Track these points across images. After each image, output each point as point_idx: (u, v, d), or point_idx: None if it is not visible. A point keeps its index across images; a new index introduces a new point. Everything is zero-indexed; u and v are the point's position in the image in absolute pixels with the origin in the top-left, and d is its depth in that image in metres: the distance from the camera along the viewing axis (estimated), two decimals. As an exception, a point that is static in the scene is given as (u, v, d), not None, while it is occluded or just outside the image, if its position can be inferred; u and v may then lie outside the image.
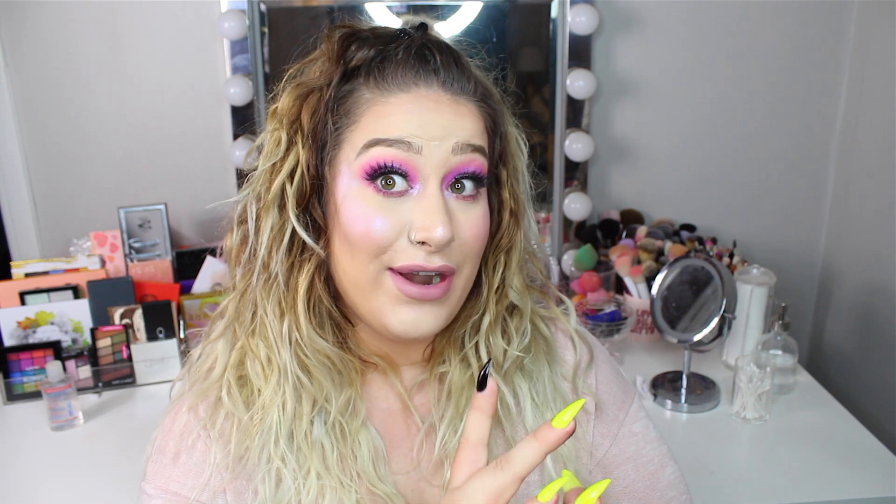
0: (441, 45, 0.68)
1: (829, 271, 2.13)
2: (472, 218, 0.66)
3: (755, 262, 1.87)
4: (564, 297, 0.81)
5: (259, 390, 0.69)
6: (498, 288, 0.73)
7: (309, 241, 0.67)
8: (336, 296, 0.71)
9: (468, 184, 0.66)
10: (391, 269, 0.64)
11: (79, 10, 1.86)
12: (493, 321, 0.73)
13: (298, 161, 0.66)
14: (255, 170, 0.69)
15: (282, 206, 0.67)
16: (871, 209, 1.92)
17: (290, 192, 0.66)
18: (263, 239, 0.67)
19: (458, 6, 1.91)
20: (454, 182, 0.65)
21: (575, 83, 1.91)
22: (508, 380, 0.75)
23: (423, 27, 0.70)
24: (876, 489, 1.34)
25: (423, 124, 0.64)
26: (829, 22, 1.97)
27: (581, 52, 1.92)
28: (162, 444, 0.71)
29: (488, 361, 0.52)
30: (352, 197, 0.65)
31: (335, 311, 0.70)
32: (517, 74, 2.03)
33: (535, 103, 2.04)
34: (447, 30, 1.92)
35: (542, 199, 2.08)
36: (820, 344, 2.16)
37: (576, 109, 1.97)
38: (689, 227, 2.04)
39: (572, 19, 1.87)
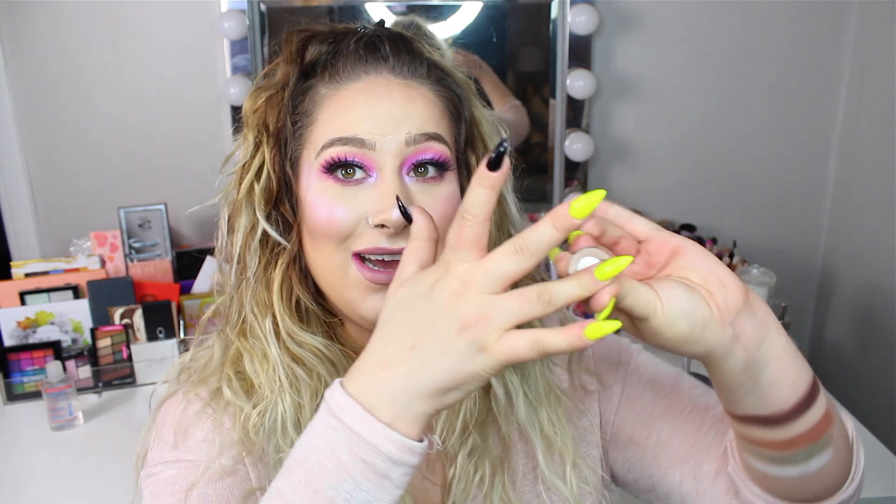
0: (392, 35, 0.69)
1: (829, 271, 2.13)
2: (436, 198, 0.66)
3: (755, 262, 1.87)
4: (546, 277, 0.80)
5: (260, 386, 0.69)
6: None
7: (275, 234, 0.68)
8: (319, 293, 0.71)
9: (431, 168, 0.66)
10: (355, 253, 0.65)
11: (79, 10, 1.86)
12: None
13: (264, 161, 0.68)
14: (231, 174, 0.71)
15: (252, 206, 0.69)
16: (871, 209, 1.92)
17: (258, 190, 0.68)
18: (238, 239, 0.69)
19: (458, 6, 1.91)
20: (416, 167, 0.66)
21: (575, 83, 1.91)
22: (499, 374, 0.75)
23: (381, 23, 0.72)
24: (876, 489, 1.34)
25: (375, 117, 0.65)
26: (829, 22, 1.97)
27: (581, 52, 1.92)
28: (163, 433, 0.70)
29: (504, 140, 0.49)
30: (313, 190, 0.66)
31: (316, 308, 0.71)
32: (517, 74, 2.03)
33: (535, 103, 2.04)
34: (447, 30, 1.92)
35: (542, 198, 2.08)
36: (820, 344, 2.15)
37: (576, 109, 1.97)
38: (689, 227, 2.04)
39: (572, 19, 1.87)
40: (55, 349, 1.66)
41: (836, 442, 0.58)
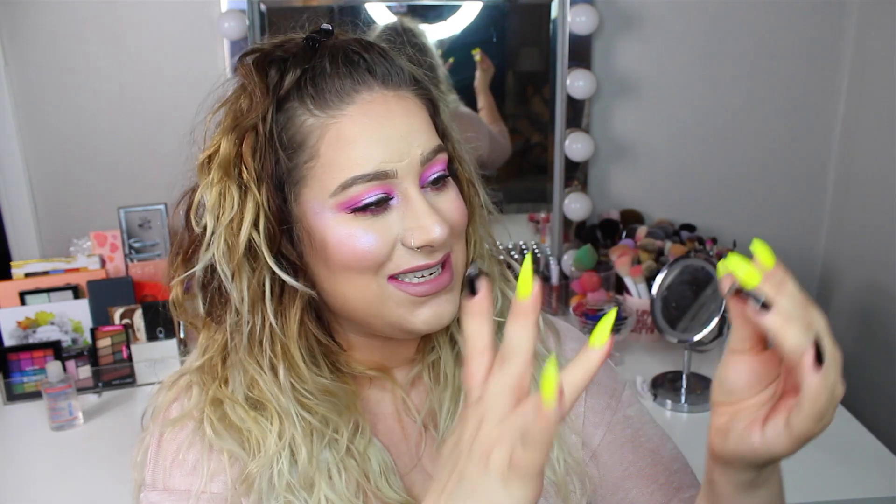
0: (363, 44, 0.67)
1: (829, 271, 2.13)
2: (450, 201, 0.67)
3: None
4: (516, 266, 0.80)
5: (250, 431, 0.67)
6: (472, 259, 0.74)
7: (297, 284, 0.65)
8: (328, 326, 0.71)
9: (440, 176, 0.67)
10: (392, 277, 0.64)
11: (79, 9, 1.86)
12: None
13: (259, 207, 0.63)
14: (204, 230, 0.65)
15: (254, 259, 0.64)
16: (871, 209, 1.92)
17: (260, 241, 0.63)
18: (244, 297, 0.65)
19: (458, 6, 1.91)
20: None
21: (575, 83, 1.91)
22: None
23: (329, 32, 0.68)
24: (876, 489, 1.34)
25: (388, 143, 0.62)
26: (829, 22, 1.97)
27: (581, 52, 1.92)
28: (156, 459, 0.70)
29: (473, 262, 0.47)
30: (332, 226, 0.63)
31: (330, 343, 0.70)
32: (517, 74, 2.03)
33: (535, 103, 2.04)
34: (447, 30, 1.92)
35: (542, 198, 2.08)
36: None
37: (576, 109, 1.97)
38: (689, 227, 2.04)
39: (572, 19, 1.87)
40: (55, 349, 1.66)
41: None
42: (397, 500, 0.70)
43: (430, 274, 0.65)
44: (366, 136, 0.62)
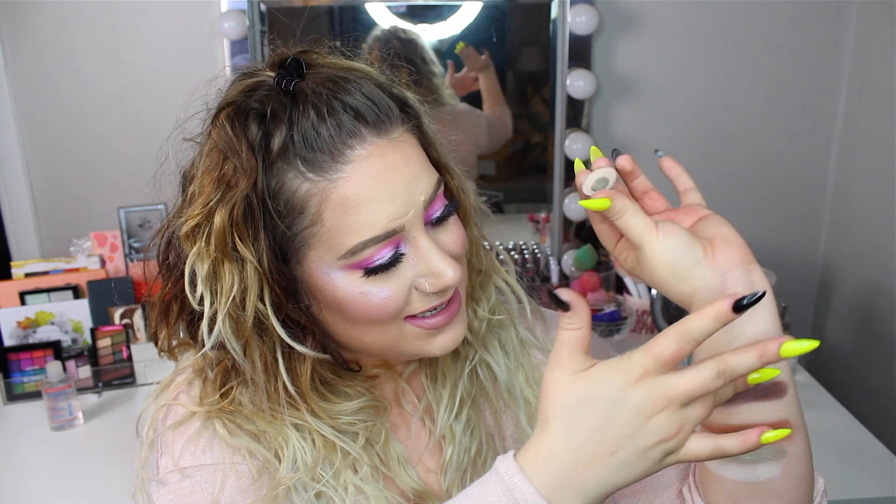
0: (342, 86, 0.61)
1: (829, 271, 2.13)
2: (453, 233, 0.66)
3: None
4: (504, 254, 0.81)
5: (264, 431, 0.67)
6: (469, 259, 0.74)
7: (308, 351, 0.64)
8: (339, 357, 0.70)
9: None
10: (408, 317, 0.64)
11: (79, 10, 1.86)
12: (469, 292, 0.75)
13: (262, 278, 0.61)
14: (201, 301, 0.62)
15: (263, 329, 0.63)
16: (871, 209, 1.92)
17: (268, 312, 0.62)
18: (257, 367, 0.64)
19: (458, 6, 1.91)
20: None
21: (575, 83, 1.91)
22: (482, 341, 0.77)
23: (298, 66, 0.62)
24: (876, 489, 1.34)
25: (393, 198, 0.60)
26: (829, 22, 1.97)
27: (581, 52, 1.92)
28: (173, 441, 0.68)
29: (761, 293, 0.47)
30: (344, 285, 0.62)
31: (343, 373, 0.70)
32: (517, 74, 2.03)
33: (535, 103, 2.04)
34: (447, 30, 1.92)
35: (542, 198, 2.08)
36: (820, 344, 2.15)
37: (576, 109, 1.97)
38: (689, 227, 2.04)
39: (572, 19, 1.87)
40: (55, 349, 1.66)
41: (791, 466, 0.60)
42: (416, 487, 0.72)
43: (441, 306, 0.65)
44: (370, 197, 0.59)
